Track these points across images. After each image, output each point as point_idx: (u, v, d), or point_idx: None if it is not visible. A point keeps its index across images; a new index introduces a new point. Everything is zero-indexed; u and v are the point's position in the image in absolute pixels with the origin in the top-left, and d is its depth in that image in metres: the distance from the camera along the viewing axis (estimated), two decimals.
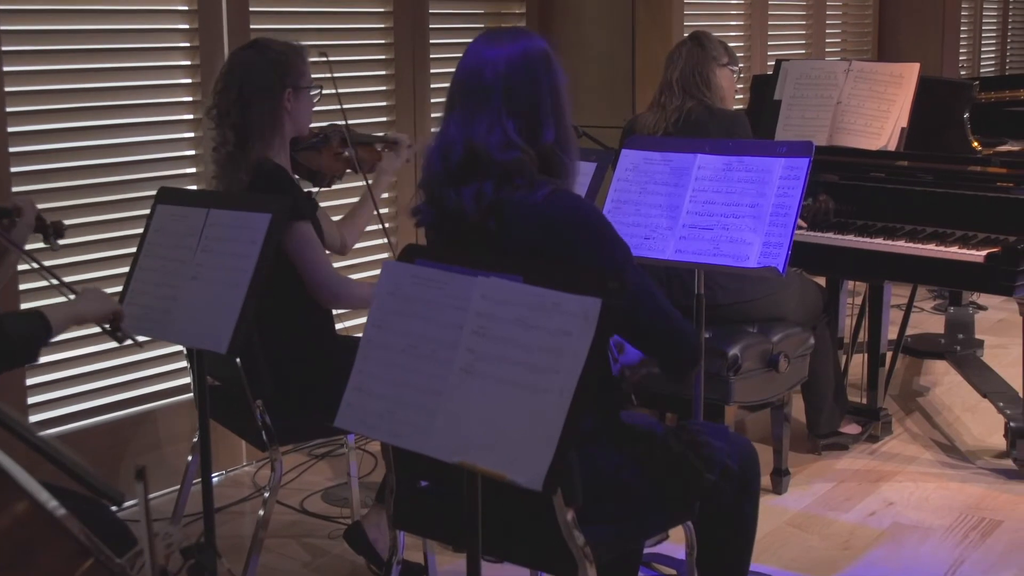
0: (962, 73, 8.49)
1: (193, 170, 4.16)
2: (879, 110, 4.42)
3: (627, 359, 2.75)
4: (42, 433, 2.31)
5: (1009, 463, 4.27)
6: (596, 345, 1.95)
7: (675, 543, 2.96)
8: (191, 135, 4.15)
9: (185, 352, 3.51)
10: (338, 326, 3.64)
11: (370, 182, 3.73)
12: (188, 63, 4.12)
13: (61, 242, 3.26)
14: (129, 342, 2.83)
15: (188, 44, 4.12)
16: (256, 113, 3.31)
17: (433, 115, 4.99)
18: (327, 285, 3.30)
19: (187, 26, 4.11)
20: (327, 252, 3.44)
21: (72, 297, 2.71)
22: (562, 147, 2.50)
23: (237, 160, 3.29)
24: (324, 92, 3.49)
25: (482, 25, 5.26)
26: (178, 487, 3.53)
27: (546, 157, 2.48)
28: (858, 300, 4.96)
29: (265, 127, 3.32)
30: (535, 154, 2.46)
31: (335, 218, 3.80)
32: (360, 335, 2.31)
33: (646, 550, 3.29)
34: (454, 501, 2.25)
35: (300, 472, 4.31)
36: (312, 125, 3.54)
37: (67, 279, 3.76)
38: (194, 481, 3.36)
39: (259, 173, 3.28)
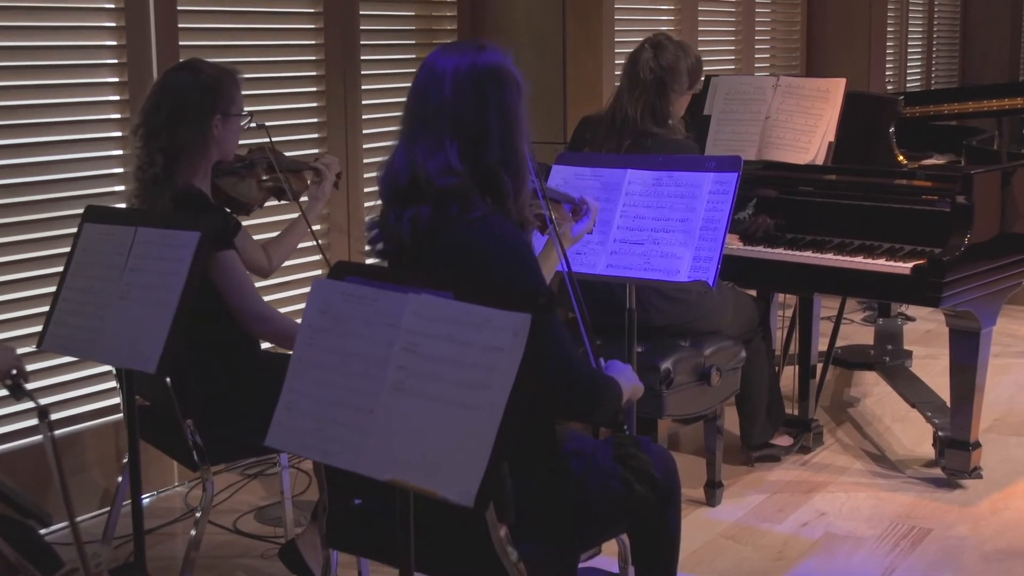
0: (889, 88, 8.62)
1: (121, 188, 4.11)
2: (807, 125, 4.47)
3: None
4: None
5: (938, 472, 4.33)
6: (527, 360, 1.95)
7: (608, 556, 2.96)
8: (119, 152, 4.10)
9: (114, 372, 3.47)
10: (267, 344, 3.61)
11: (303, 200, 3.70)
12: (116, 80, 4.08)
13: None
14: (30, 404, 2.75)
15: (116, 61, 4.08)
16: (185, 137, 3.28)
17: (365, 131, 4.98)
18: (253, 315, 3.25)
19: (115, 42, 4.07)
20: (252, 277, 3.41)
21: None
22: (507, 167, 2.49)
23: (162, 184, 3.26)
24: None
25: (413, 41, 5.26)
26: (108, 509, 3.49)
27: (489, 178, 2.48)
28: (789, 313, 5.01)
29: (193, 153, 3.30)
30: (477, 175, 2.47)
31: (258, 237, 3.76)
32: (291, 353, 2.30)
33: (580, 564, 3.29)
34: (387, 519, 2.24)
35: (233, 492, 4.27)
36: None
37: None
38: (124, 503, 3.33)
39: (182, 199, 3.24)
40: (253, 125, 3.46)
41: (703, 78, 4.46)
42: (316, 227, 3.85)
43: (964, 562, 3.70)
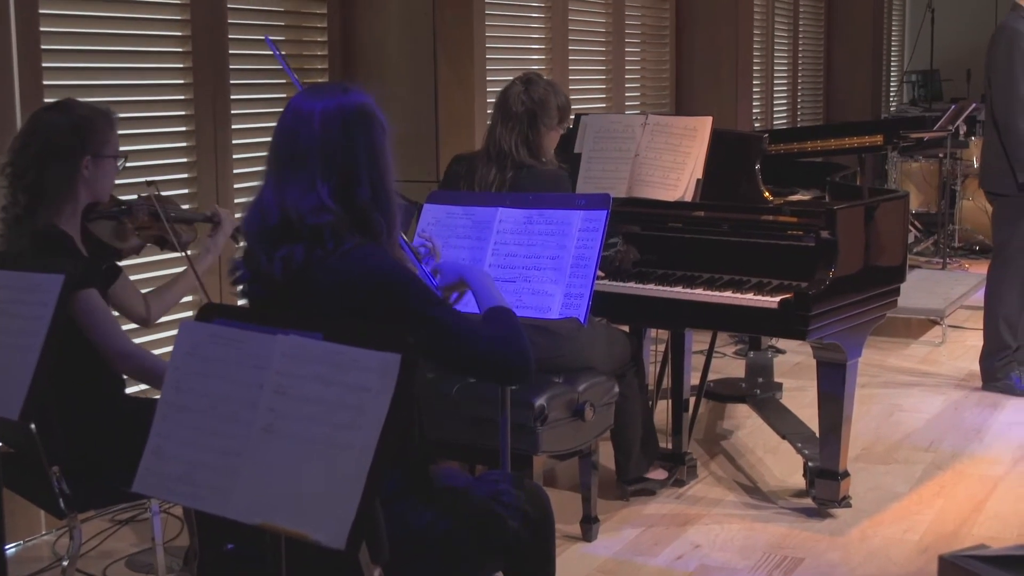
0: (756, 125, 8.81)
1: None
2: (675, 162, 4.53)
3: None
4: None
5: (809, 502, 4.41)
6: (397, 400, 1.95)
7: None
8: None
9: None
10: (136, 388, 3.54)
11: (188, 254, 3.60)
12: None
13: None
14: None
15: None
16: (51, 177, 3.21)
17: (236, 171, 4.93)
18: (115, 352, 3.19)
19: None
20: (125, 319, 3.34)
21: None
22: (378, 205, 2.51)
23: (24, 224, 3.19)
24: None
25: (284, 80, 5.23)
26: None
27: (361, 216, 2.49)
28: (661, 347, 5.07)
29: (57, 193, 3.22)
30: (351, 214, 2.47)
31: (145, 290, 3.67)
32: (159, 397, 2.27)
33: None
34: (260, 563, 2.21)
35: (103, 539, 4.17)
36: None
37: None
38: None
39: (41, 239, 3.18)
40: (127, 167, 3.39)
41: (572, 117, 4.51)
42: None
43: None
